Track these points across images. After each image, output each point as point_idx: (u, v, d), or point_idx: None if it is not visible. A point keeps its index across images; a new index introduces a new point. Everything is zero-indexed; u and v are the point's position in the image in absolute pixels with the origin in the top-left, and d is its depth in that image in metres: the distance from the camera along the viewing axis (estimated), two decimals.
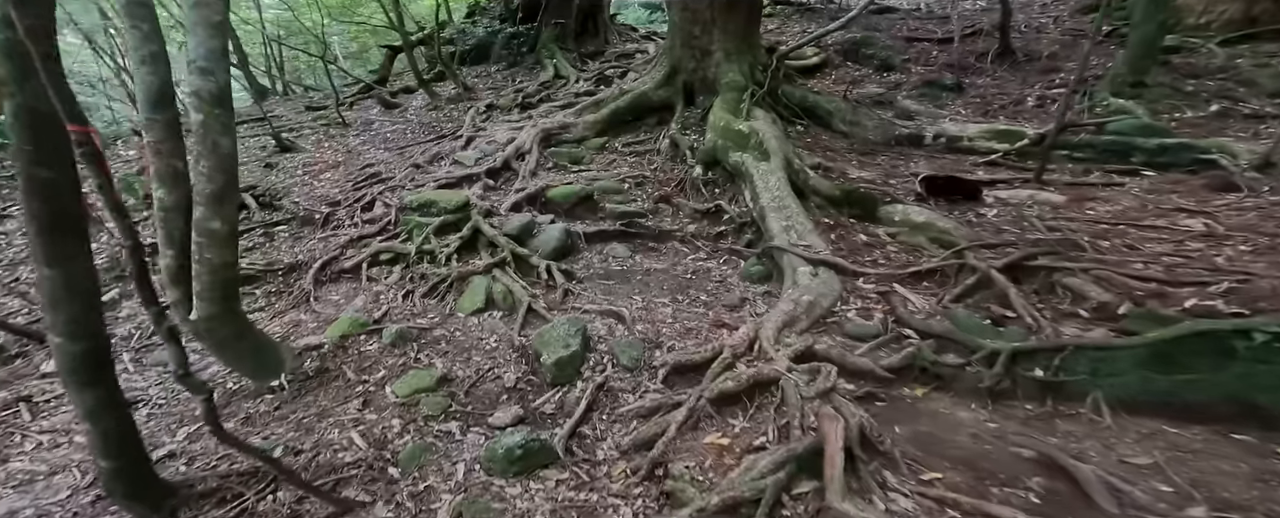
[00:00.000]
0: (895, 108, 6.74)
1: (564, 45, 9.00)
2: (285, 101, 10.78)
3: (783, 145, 4.65)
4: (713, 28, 6.44)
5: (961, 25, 8.89)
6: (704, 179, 5.39)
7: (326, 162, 6.71)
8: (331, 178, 6.15)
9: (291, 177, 6.30)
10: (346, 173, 6.23)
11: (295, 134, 7.89)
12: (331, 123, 8.04)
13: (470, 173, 5.73)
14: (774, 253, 4.00)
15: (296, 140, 7.50)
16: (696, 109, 6.73)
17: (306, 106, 9.27)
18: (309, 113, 8.89)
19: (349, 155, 6.85)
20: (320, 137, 7.71)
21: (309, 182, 6.06)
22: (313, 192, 5.77)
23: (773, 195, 4.30)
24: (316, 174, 6.27)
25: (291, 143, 7.24)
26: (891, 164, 5.35)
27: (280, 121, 8.63)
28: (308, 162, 6.72)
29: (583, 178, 5.81)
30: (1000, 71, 7.48)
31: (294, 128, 8.14)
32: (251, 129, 8.17)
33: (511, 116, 7.10)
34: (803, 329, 3.03)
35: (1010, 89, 7.06)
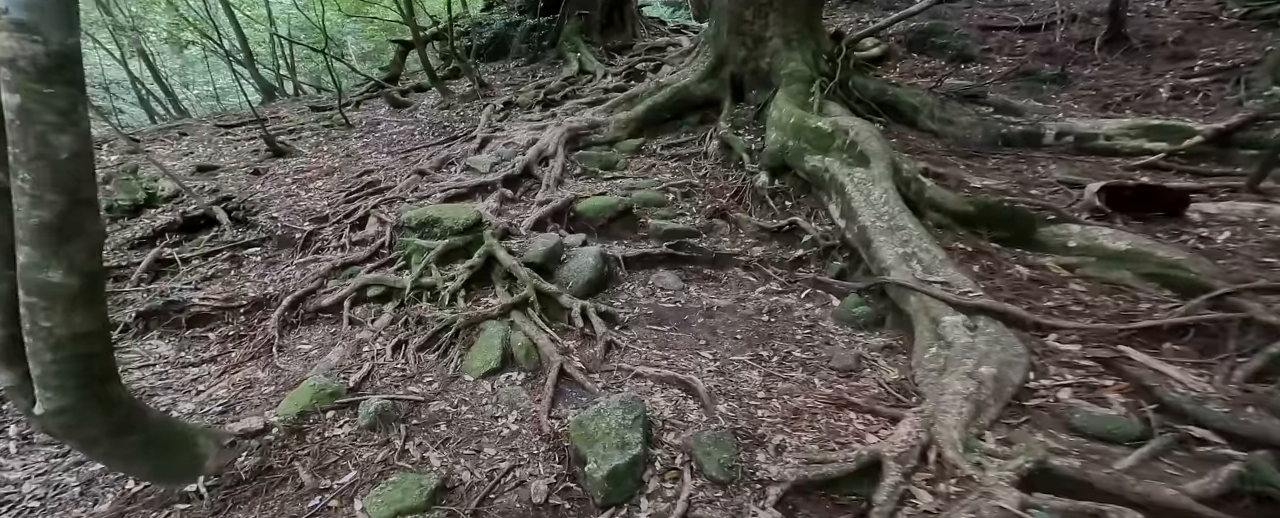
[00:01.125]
0: (989, 102, 5.60)
1: (589, 38, 8.04)
2: (292, 102, 10.01)
3: (885, 147, 3.57)
4: (769, 10, 5.41)
5: (1048, 12, 7.70)
6: (770, 189, 4.33)
7: (321, 167, 5.81)
8: (323, 187, 5.24)
9: (278, 185, 5.41)
10: (341, 180, 5.32)
11: (294, 136, 7.04)
12: (334, 124, 7.18)
13: (484, 181, 4.77)
14: (892, 291, 2.93)
15: (293, 143, 6.64)
16: (748, 105, 5.70)
17: (311, 107, 8.46)
18: (313, 113, 8.07)
19: (347, 160, 5.95)
20: (320, 139, 6.84)
21: (296, 192, 5.15)
22: (297, 204, 4.85)
23: (878, 212, 3.23)
24: (307, 182, 5.37)
25: (286, 146, 6.38)
26: (1014, 169, 4.23)
27: (281, 123, 7.81)
28: (301, 167, 5.84)
29: (618, 187, 4.83)
30: (1112, 60, 6.28)
31: (294, 129, 7.31)
32: (248, 132, 7.35)
33: (532, 115, 6.14)
34: (993, 419, 1.95)
35: (1130, 79, 5.87)
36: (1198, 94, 5.32)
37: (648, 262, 3.97)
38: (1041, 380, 2.21)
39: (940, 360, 2.38)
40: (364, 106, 8.05)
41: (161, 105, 11.94)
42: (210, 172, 5.88)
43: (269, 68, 11.93)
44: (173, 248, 4.35)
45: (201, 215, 4.48)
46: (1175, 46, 6.12)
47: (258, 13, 12.81)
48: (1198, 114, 5.07)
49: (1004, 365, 2.17)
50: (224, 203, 4.62)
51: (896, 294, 2.90)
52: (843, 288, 3.39)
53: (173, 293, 3.72)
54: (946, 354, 2.36)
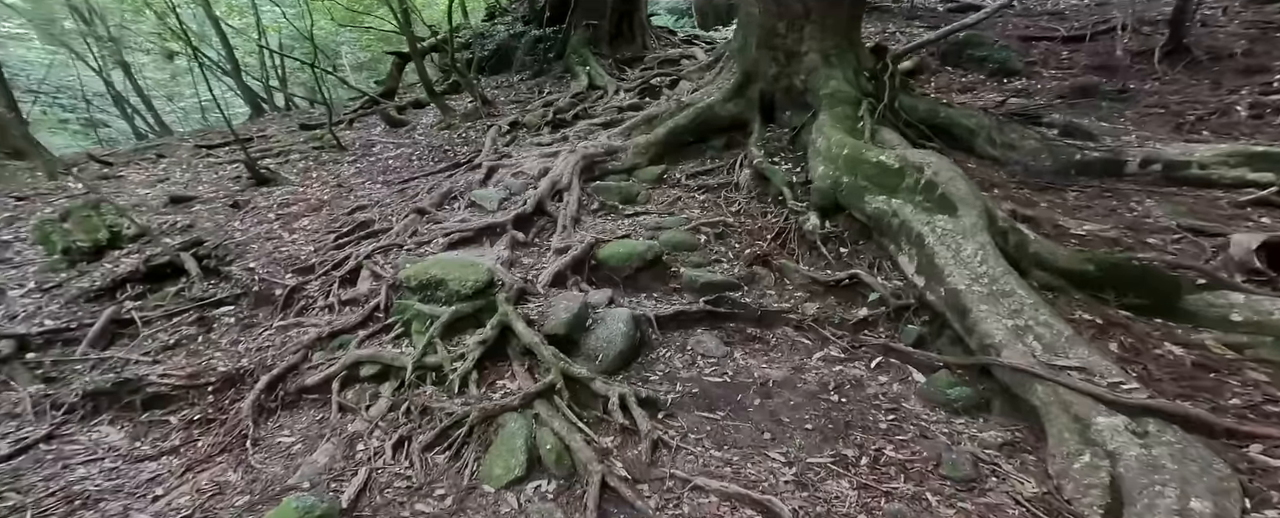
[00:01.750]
0: (1051, 123, 5.07)
1: (597, 50, 7.51)
2: (281, 118, 9.43)
3: (974, 190, 3.03)
4: (805, 23, 4.87)
5: (1091, 21, 7.21)
6: (822, 233, 3.78)
7: (309, 200, 5.25)
8: (309, 226, 4.67)
9: (259, 222, 4.84)
10: (330, 218, 4.76)
11: (281, 159, 6.48)
12: (325, 145, 6.61)
13: (492, 222, 4.20)
14: (1005, 374, 2.39)
15: (279, 168, 6.08)
16: (780, 128, 5.16)
17: (300, 125, 7.89)
18: (302, 133, 7.49)
19: (338, 191, 5.38)
20: (309, 163, 6.28)
21: (278, 232, 4.58)
22: (280, 249, 4.29)
23: (974, 272, 2.69)
24: (292, 220, 4.81)
25: (271, 173, 5.81)
26: (1106, 208, 3.70)
27: (268, 143, 7.24)
28: (286, 199, 5.27)
29: (641, 226, 4.27)
30: (1174, 74, 5.77)
31: (282, 151, 6.73)
32: (232, 154, 6.77)
33: (542, 138, 5.58)
34: None
35: (1200, 96, 5.36)
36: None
37: (683, 321, 3.42)
38: (1264, 513, 1.67)
39: (1101, 476, 1.85)
40: (358, 124, 7.48)
41: (145, 120, 11.33)
42: (185, 204, 5.30)
43: (258, 79, 11.32)
44: (135, 301, 3.78)
45: (168, 263, 3.91)
46: (1245, 59, 5.62)
47: (247, 21, 12.23)
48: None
49: (1216, 495, 1.63)
50: (195, 248, 4.05)
51: (1013, 379, 2.36)
52: (925, 359, 2.85)
53: (127, 367, 3.15)
54: (1113, 472, 1.83)
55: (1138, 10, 7.39)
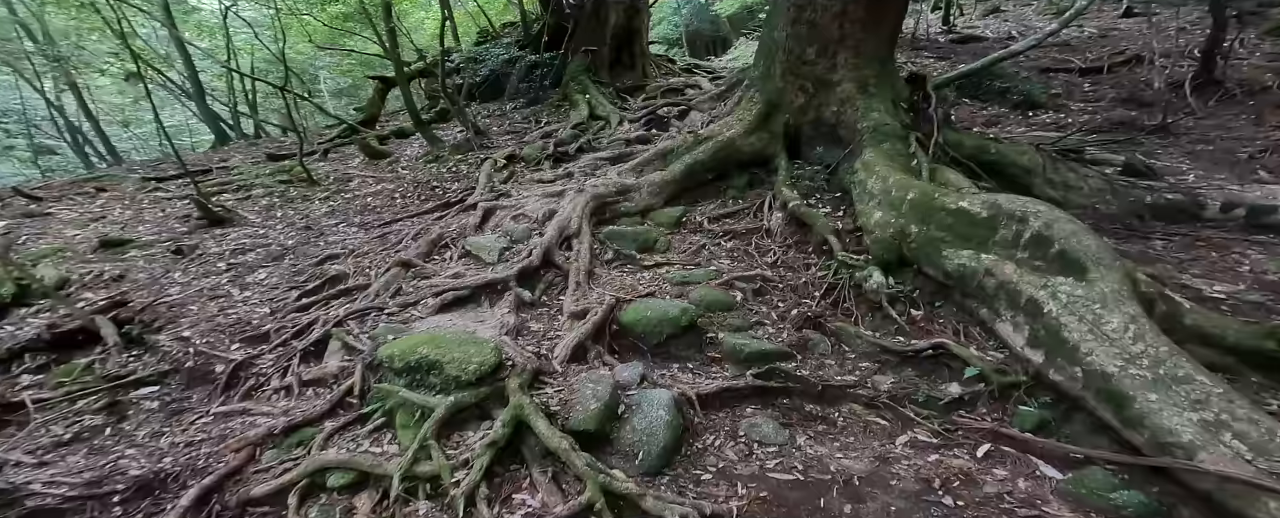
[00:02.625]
0: (1104, 161, 4.69)
1: (597, 78, 7.02)
2: (248, 147, 8.65)
3: (1104, 246, 2.51)
4: (838, 48, 4.43)
5: (1109, 52, 7.03)
6: (889, 292, 3.21)
7: (268, 246, 4.51)
8: (267, 279, 3.94)
9: (206, 274, 4.08)
10: (293, 269, 4.03)
11: (241, 195, 5.72)
12: (294, 179, 5.88)
13: (492, 277, 3.53)
14: (1211, 483, 1.82)
15: (238, 206, 5.33)
16: (810, 165, 4.67)
17: (268, 154, 7.13)
18: (269, 164, 6.75)
19: (306, 235, 4.66)
20: (274, 200, 5.54)
21: (227, 289, 3.83)
22: (226, 310, 3.54)
23: (1127, 350, 2.15)
24: (246, 272, 4.07)
25: (227, 211, 5.07)
26: (1214, 261, 3.23)
27: (228, 175, 6.47)
28: (242, 245, 4.53)
29: (665, 280, 3.67)
30: (1208, 108, 5.51)
31: (243, 185, 5.98)
32: (184, 187, 5.98)
33: (543, 173, 4.99)
34: None
35: (1242, 132, 5.08)
36: None
37: (729, 399, 2.81)
38: None
39: None
40: (334, 155, 6.78)
41: (95, 148, 10.40)
42: (118, 249, 4.51)
43: (225, 104, 10.54)
44: (35, 375, 2.99)
45: (80, 329, 3.14)
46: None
47: (216, 43, 11.50)
48: None
49: None
50: (116, 309, 3.27)
51: (1220, 489, 1.79)
52: (1055, 451, 2.27)
53: (3, 470, 2.37)
54: None
55: (1146, 43, 7.26)
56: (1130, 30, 8.25)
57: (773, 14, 4.87)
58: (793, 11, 4.46)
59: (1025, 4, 11.55)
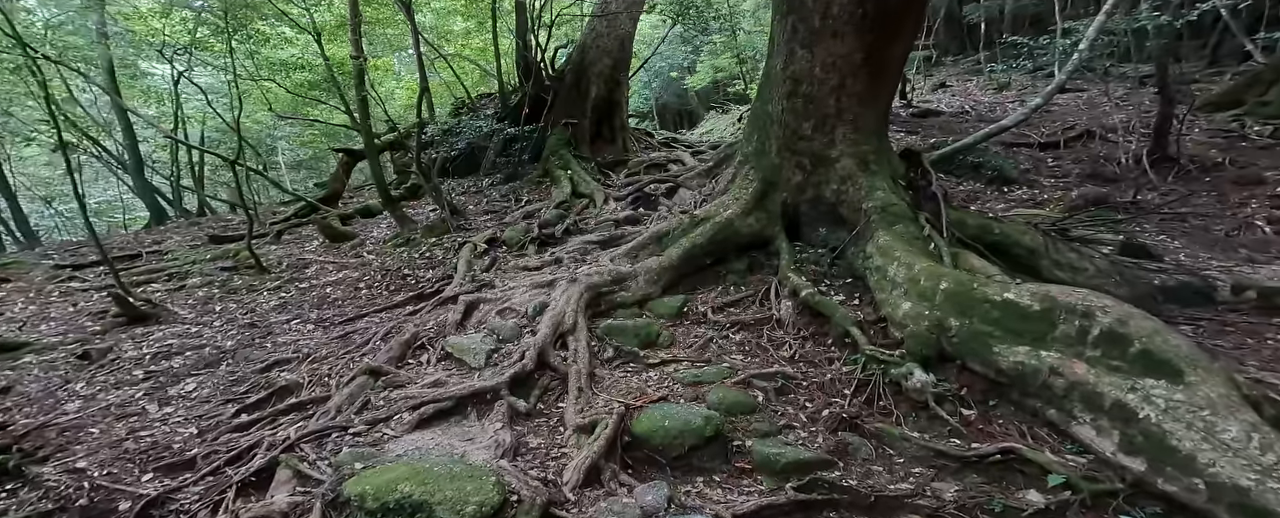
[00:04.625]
0: (1098, 240, 4.72)
1: (577, 152, 6.85)
2: (189, 226, 7.90)
3: (1191, 345, 2.33)
4: (837, 123, 4.37)
5: (1061, 127, 7.45)
6: (935, 390, 2.92)
7: (201, 350, 3.87)
8: (196, 392, 3.32)
9: (116, 385, 3.42)
10: (230, 379, 3.43)
11: (174, 285, 5.04)
12: (239, 265, 5.25)
13: (480, 386, 3.08)
14: None
15: (168, 299, 4.66)
16: (813, 247, 4.49)
17: (211, 236, 6.46)
18: (211, 247, 6.08)
19: (249, 334, 4.05)
20: (214, 290, 4.89)
21: (141, 404, 3.18)
22: (139, 432, 2.90)
23: (1258, 462, 1.94)
24: (169, 382, 3.43)
25: (151, 306, 4.40)
26: (1254, 346, 3.11)
27: (160, 261, 5.76)
28: (167, 347, 3.88)
29: (676, 381, 3.33)
30: (1170, 184, 5.76)
31: (178, 273, 5.30)
32: (105, 275, 5.24)
33: (528, 259, 4.61)
34: None
35: (1207, 209, 5.27)
36: None
37: (770, 516, 2.40)
38: None
39: None
40: (289, 237, 6.19)
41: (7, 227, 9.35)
42: (9, 354, 3.76)
43: (166, 177, 9.78)
44: None
45: None
46: (1236, 170, 5.70)
47: (164, 110, 10.82)
48: None
49: None
50: None
51: None
52: None
53: None
54: None
55: (1095, 117, 7.76)
56: (1068, 104, 8.87)
57: (765, 87, 4.81)
58: (788, 85, 4.40)
59: (967, 79, 12.48)
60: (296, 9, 8.00)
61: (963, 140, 5.80)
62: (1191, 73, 9.59)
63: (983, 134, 5.66)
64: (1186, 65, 10.11)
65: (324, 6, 8.69)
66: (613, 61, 7.48)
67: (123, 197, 11.48)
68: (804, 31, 4.20)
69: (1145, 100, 7.97)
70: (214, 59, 9.92)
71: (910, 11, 4.22)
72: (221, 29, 7.95)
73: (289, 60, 9.49)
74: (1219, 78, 9.26)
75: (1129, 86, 9.11)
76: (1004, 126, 5.48)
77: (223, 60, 8.80)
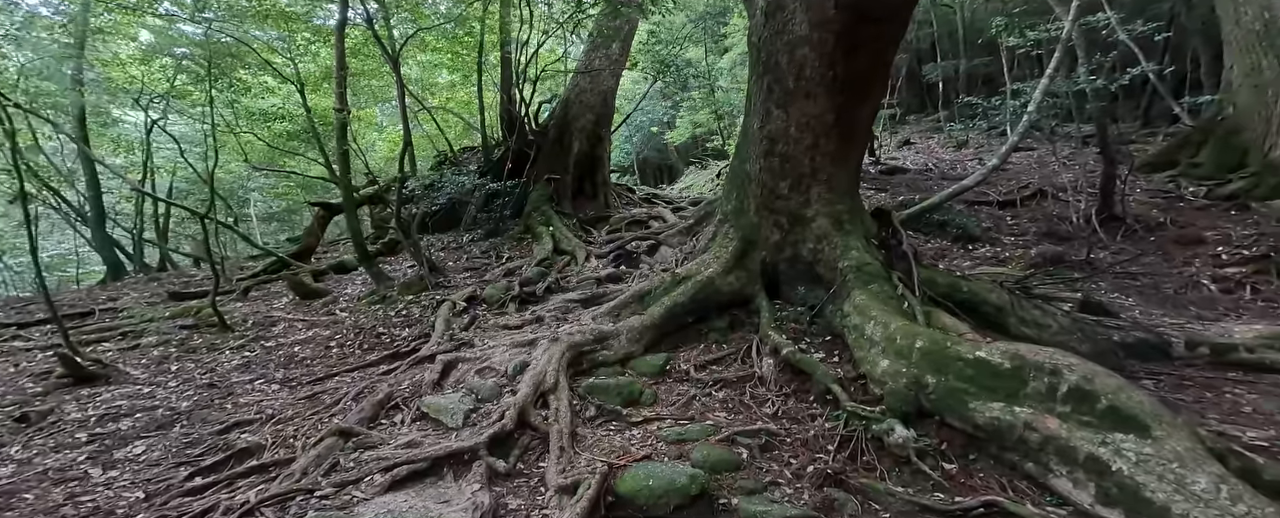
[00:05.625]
0: (1048, 297, 4.93)
1: (559, 208, 6.94)
2: (148, 282, 7.59)
3: (1154, 402, 2.43)
4: (812, 182, 4.54)
5: (1016, 185, 7.93)
6: (916, 447, 2.94)
7: (153, 412, 3.66)
8: (144, 456, 3.12)
9: (56, 448, 3.20)
10: (184, 441, 3.24)
11: (129, 344, 4.80)
12: (201, 323, 5.04)
13: (458, 446, 2.99)
14: None
15: (120, 358, 4.42)
16: (792, 305, 4.57)
17: (171, 293, 6.21)
18: (171, 304, 5.84)
19: (208, 394, 3.85)
20: (171, 349, 4.66)
21: (83, 468, 2.96)
22: (78, 498, 2.69)
23: (1230, 512, 2.00)
24: (113, 447, 3.23)
25: (101, 366, 4.17)
26: (1213, 399, 3.23)
27: (114, 319, 5.49)
28: (115, 408, 3.66)
29: (659, 439, 3.31)
30: (1119, 243, 6.12)
31: (132, 331, 5.05)
32: (52, 334, 4.96)
33: (508, 317, 4.56)
34: None
35: (1155, 267, 5.61)
36: (1244, 287, 5.03)
37: None
38: None
39: None
40: (257, 294, 6.00)
41: None
42: None
43: (128, 229, 9.45)
44: None
45: None
46: (1177, 229, 6.11)
47: (132, 159, 10.56)
48: (1265, 312, 4.68)
49: None
50: None
51: None
52: None
53: None
54: None
55: (1046, 176, 8.29)
56: (1021, 163, 9.45)
57: (743, 145, 4.99)
58: (765, 144, 4.57)
59: (929, 136, 13.28)
60: (280, 58, 8.13)
61: (929, 199, 6.10)
62: (1128, 133, 10.41)
63: (948, 193, 5.98)
64: (1123, 126, 10.98)
65: (308, 57, 8.81)
66: (595, 117, 7.73)
67: (78, 250, 10.99)
68: (779, 92, 4.38)
69: (1089, 160, 8.49)
70: (191, 107, 9.86)
71: (877, 74, 4.45)
72: (202, 77, 7.95)
73: (269, 110, 9.48)
74: (1153, 138, 10.07)
75: (1073, 146, 9.78)
76: (965, 186, 5.81)
77: (200, 109, 8.75)
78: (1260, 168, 6.78)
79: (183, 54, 8.82)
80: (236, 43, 7.72)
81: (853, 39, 3.99)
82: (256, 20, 7.50)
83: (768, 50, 4.42)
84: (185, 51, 8.77)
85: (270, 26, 7.79)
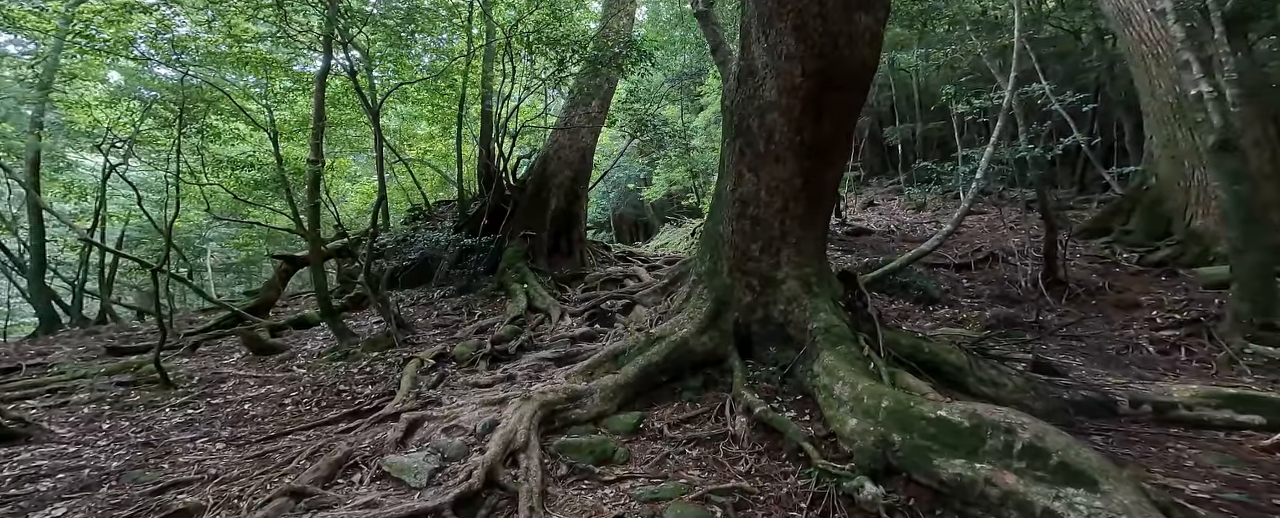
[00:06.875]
0: (1002, 357, 5.15)
1: (535, 265, 6.94)
2: (84, 336, 7.10)
3: (1101, 459, 2.52)
4: (782, 245, 4.70)
5: (971, 249, 8.39)
6: (886, 503, 2.96)
7: (77, 472, 3.38)
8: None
9: None
10: (111, 502, 3.00)
11: (57, 401, 4.45)
12: (140, 379, 4.73)
13: (419, 507, 2.86)
14: None
15: (45, 416, 4.09)
16: (764, 365, 4.62)
17: (109, 347, 5.83)
18: (109, 359, 5.47)
19: (142, 454, 3.58)
20: (103, 407, 4.34)
21: None
22: None
23: None
24: (31, 509, 2.97)
25: (21, 424, 3.85)
26: (1157, 454, 3.37)
27: (42, 375, 5.09)
28: (31, 471, 3.36)
29: (632, 498, 3.28)
30: (1063, 306, 6.50)
31: (61, 387, 4.69)
32: None
33: (479, 376, 4.45)
34: None
35: (1096, 329, 5.94)
36: (1179, 349, 5.37)
37: None
38: None
39: None
40: (206, 350, 5.69)
41: None
42: None
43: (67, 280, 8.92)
44: None
45: None
46: (1115, 294, 6.54)
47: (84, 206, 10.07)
48: (1199, 372, 4.98)
49: None
50: None
51: None
52: None
53: None
54: None
55: (996, 239, 8.80)
56: (974, 226, 9.98)
57: (717, 208, 5.14)
58: (737, 207, 4.74)
59: (890, 198, 13.98)
60: (255, 105, 8.07)
61: (892, 263, 6.40)
62: (1066, 199, 11.14)
63: (908, 257, 6.29)
64: (1062, 191, 11.77)
65: (285, 105, 8.76)
66: (573, 173, 7.90)
67: (9, 301, 10.23)
68: (750, 155, 4.55)
69: (1034, 225, 9.07)
70: (154, 153, 9.58)
71: (841, 139, 4.64)
72: (170, 121, 7.78)
73: (238, 158, 9.29)
74: (1088, 204, 10.76)
75: (1019, 211, 10.44)
76: (924, 251, 6.14)
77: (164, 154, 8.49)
78: (1184, 236, 7.33)
79: (152, 97, 8.69)
80: (212, 87, 7.69)
81: (818, 105, 4.21)
82: (235, 65, 7.54)
83: (740, 114, 4.66)
84: (154, 94, 8.64)
85: (249, 72, 7.82)
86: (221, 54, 7.38)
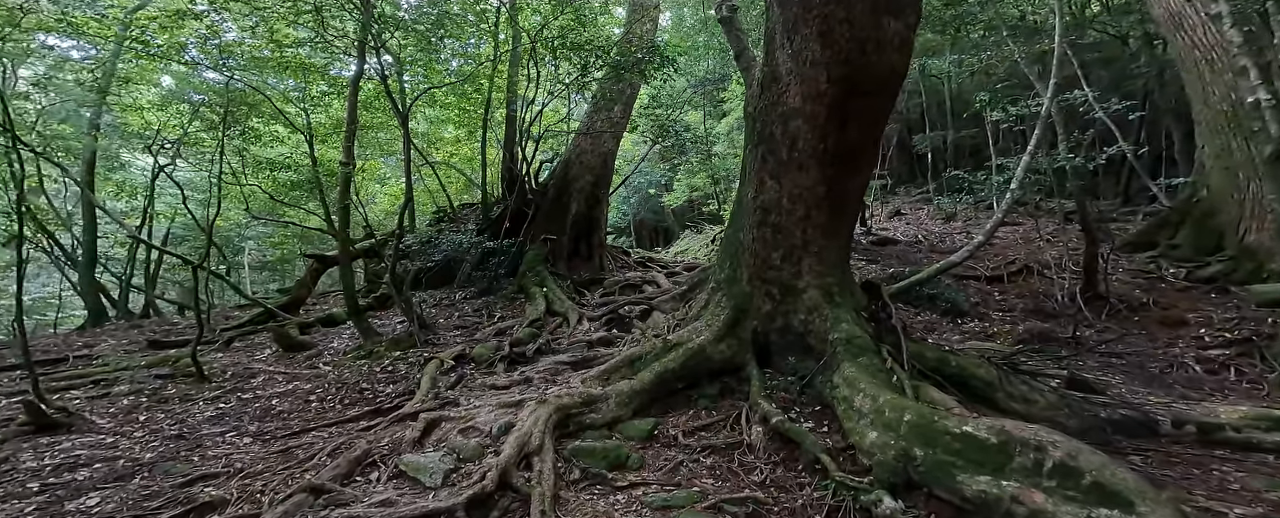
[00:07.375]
0: (1034, 373, 4.95)
1: (554, 269, 7.00)
2: (128, 329, 7.45)
3: (1139, 480, 2.40)
4: (803, 254, 4.62)
5: (1003, 261, 8.10)
6: (904, 515, 2.87)
7: (113, 462, 3.53)
8: (98, 509, 3.02)
9: (3, 501, 3.04)
10: (142, 493, 3.12)
11: (100, 392, 4.66)
12: (177, 373, 4.92)
13: (433, 507, 2.89)
14: None
15: (87, 406, 4.28)
16: (782, 375, 4.54)
17: (151, 341, 6.09)
18: (150, 352, 5.71)
19: (175, 446, 3.71)
20: (141, 399, 4.53)
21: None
22: None
23: None
24: (66, 498, 3.11)
25: (65, 414, 4.04)
26: (1201, 477, 3.18)
27: (88, 366, 5.35)
28: (71, 460, 3.52)
29: (645, 505, 3.26)
30: (1103, 322, 6.21)
31: (105, 378, 4.91)
32: (20, 380, 4.82)
33: (496, 377, 4.49)
34: None
35: (1139, 346, 5.67)
36: (1228, 369, 5.07)
37: None
38: None
39: None
40: (240, 345, 5.90)
41: None
42: None
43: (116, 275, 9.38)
44: None
45: None
46: (1160, 310, 6.22)
47: (133, 204, 10.57)
48: (1249, 394, 4.70)
49: None
50: None
51: None
52: None
53: None
54: None
55: (1031, 252, 8.47)
56: (1007, 238, 9.63)
57: (737, 215, 5.09)
58: (758, 214, 4.68)
59: (919, 207, 13.60)
60: (294, 108, 8.38)
61: (919, 274, 6.23)
62: (1109, 211, 10.58)
63: (936, 268, 6.12)
64: (1104, 203, 11.20)
65: (321, 109, 9.10)
66: (594, 178, 7.94)
67: (62, 294, 10.81)
68: (773, 163, 4.49)
69: (1072, 237, 8.57)
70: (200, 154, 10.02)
71: (867, 147, 4.55)
72: (216, 124, 8.17)
73: (276, 159, 9.69)
74: (1133, 216, 10.18)
75: (1057, 223, 9.98)
76: (954, 262, 5.95)
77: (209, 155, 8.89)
78: (1237, 252, 6.92)
79: (200, 100, 9.13)
80: (254, 91, 8.03)
81: (844, 112, 4.13)
82: (276, 70, 7.86)
83: (763, 121, 4.61)
84: (202, 98, 9.08)
85: (289, 76, 8.15)
86: (264, 59, 7.71)
